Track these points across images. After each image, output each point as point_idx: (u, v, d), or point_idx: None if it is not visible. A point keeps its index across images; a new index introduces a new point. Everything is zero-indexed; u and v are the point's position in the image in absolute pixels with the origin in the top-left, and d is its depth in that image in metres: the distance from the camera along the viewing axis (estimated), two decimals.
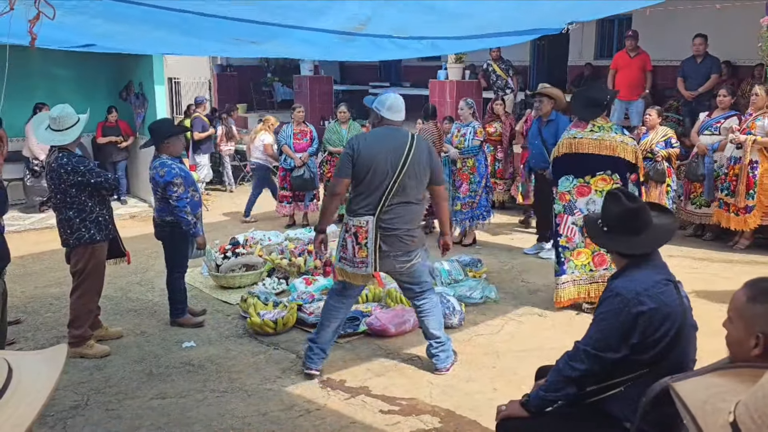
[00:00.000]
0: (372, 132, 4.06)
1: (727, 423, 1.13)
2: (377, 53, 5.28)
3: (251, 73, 16.96)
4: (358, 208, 3.92)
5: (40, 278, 6.50)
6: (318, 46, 4.93)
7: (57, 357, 1.47)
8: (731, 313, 1.70)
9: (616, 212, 2.50)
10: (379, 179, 3.84)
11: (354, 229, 3.93)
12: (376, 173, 3.83)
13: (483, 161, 7.16)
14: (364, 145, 3.88)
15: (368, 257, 3.92)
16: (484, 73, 10.99)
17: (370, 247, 3.91)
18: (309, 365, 4.20)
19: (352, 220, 3.93)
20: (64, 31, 3.96)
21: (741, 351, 1.65)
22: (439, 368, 4.22)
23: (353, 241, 3.94)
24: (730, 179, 6.81)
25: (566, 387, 2.46)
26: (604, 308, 2.43)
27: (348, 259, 3.99)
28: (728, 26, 9.32)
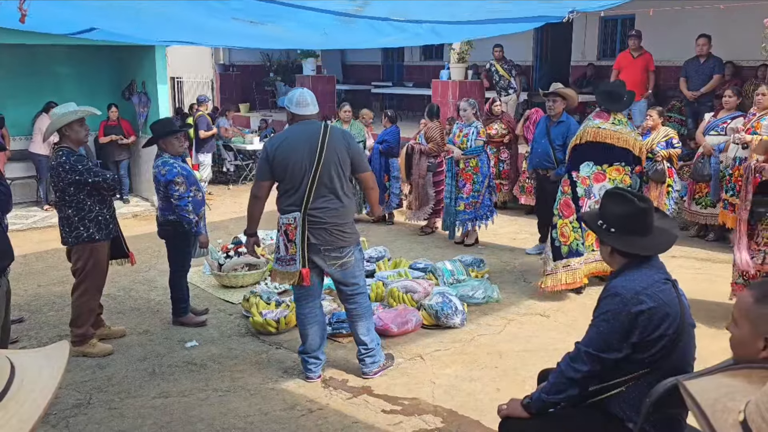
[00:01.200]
0: (286, 130, 4.03)
1: (737, 422, 1.13)
2: (376, 38, 5.24)
3: (253, 73, 16.99)
4: (285, 206, 3.92)
5: (42, 277, 6.51)
6: (317, 29, 4.88)
7: (60, 354, 1.47)
8: (736, 315, 1.68)
9: (627, 211, 2.47)
10: (299, 175, 3.82)
11: (284, 227, 3.92)
12: (294, 170, 3.82)
13: (486, 161, 7.15)
14: (277, 145, 3.86)
15: (297, 253, 3.90)
16: (486, 73, 10.99)
17: (298, 242, 3.88)
18: (309, 375, 4.18)
19: (282, 219, 3.93)
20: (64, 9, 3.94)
21: (746, 353, 1.63)
22: (365, 372, 4.19)
23: (284, 239, 3.92)
24: (735, 180, 6.79)
25: (568, 389, 2.45)
26: (604, 308, 2.42)
27: (281, 258, 3.97)
28: (732, 27, 9.30)
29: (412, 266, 6.07)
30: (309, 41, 5.90)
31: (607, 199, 2.59)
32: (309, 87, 13.88)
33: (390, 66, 17.81)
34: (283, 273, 3.98)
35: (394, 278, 5.67)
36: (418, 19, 4.46)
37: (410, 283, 5.42)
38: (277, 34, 5.26)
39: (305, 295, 4.10)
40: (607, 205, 2.56)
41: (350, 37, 5.42)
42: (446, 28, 4.85)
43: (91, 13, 4.58)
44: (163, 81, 9.61)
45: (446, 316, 4.95)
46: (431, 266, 5.94)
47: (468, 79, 11.08)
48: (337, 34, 5.10)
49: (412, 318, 4.93)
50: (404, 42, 5.49)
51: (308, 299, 4.11)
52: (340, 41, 5.95)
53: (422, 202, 7.84)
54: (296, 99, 3.94)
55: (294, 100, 3.95)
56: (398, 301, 5.22)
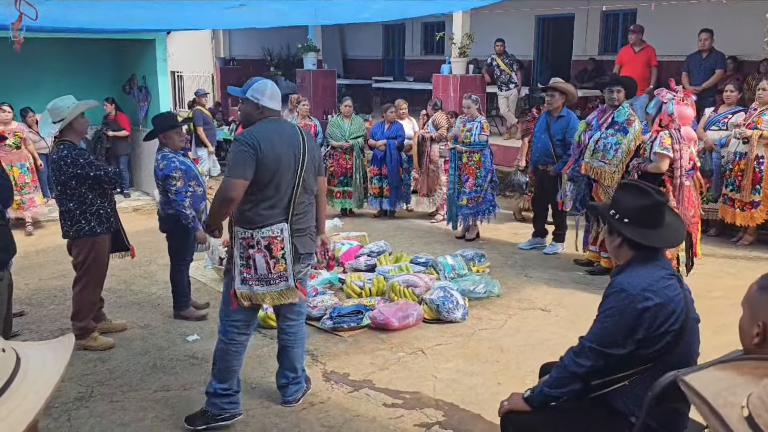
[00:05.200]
0: (263, 127, 3.40)
1: (742, 417, 1.12)
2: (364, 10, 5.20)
3: (254, 67, 16.95)
4: (266, 217, 3.38)
5: (44, 270, 6.52)
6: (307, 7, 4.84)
7: (64, 347, 1.48)
8: (743, 302, 1.71)
9: (642, 204, 2.47)
10: (287, 180, 3.38)
11: (265, 242, 3.39)
12: (283, 175, 3.36)
13: (489, 156, 7.16)
14: (266, 144, 3.30)
15: (287, 269, 3.45)
16: (488, 68, 10.96)
17: (288, 257, 3.44)
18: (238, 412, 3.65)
19: (258, 233, 3.38)
20: None
21: (745, 339, 1.67)
22: (290, 401, 3.81)
23: (265, 256, 3.41)
24: (735, 175, 6.79)
25: (571, 383, 2.45)
26: (609, 304, 2.42)
27: (259, 278, 3.44)
28: (734, 21, 9.29)
29: (413, 261, 6.07)
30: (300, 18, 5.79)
31: (623, 191, 2.58)
32: (310, 81, 13.96)
33: (391, 60, 17.79)
34: (275, 293, 3.48)
35: (395, 272, 5.67)
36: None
37: (411, 277, 5.42)
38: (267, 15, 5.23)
39: (249, 321, 3.63)
40: (622, 196, 2.54)
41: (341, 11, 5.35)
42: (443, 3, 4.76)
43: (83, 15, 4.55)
44: (164, 75, 9.60)
45: (447, 311, 4.95)
46: (432, 261, 5.94)
47: (469, 74, 11.06)
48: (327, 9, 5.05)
49: (414, 312, 4.93)
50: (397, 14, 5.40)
51: (249, 326, 3.65)
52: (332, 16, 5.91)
53: (433, 188, 7.97)
54: (269, 91, 3.45)
55: (267, 92, 3.44)
56: (399, 296, 5.22)
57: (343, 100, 8.62)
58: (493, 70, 10.79)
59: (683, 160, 5.17)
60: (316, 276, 5.74)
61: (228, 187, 3.28)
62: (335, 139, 8.31)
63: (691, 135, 5.42)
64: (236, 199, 3.31)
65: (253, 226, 3.39)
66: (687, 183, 5.20)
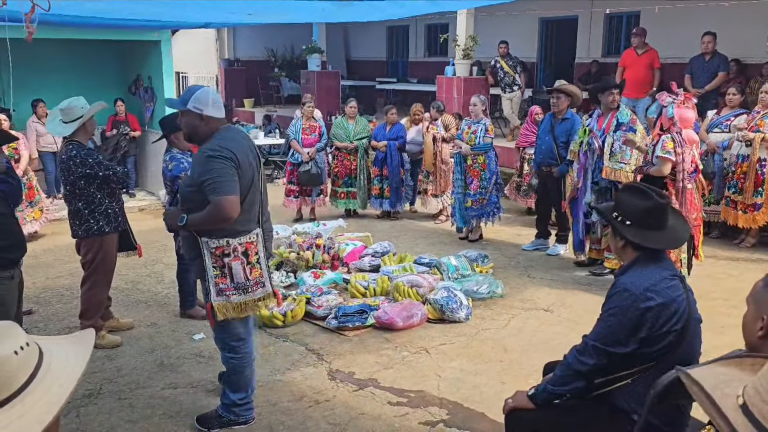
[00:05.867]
0: (227, 136, 3.29)
1: (737, 406, 1.17)
2: (373, 14, 5.26)
3: (258, 68, 17.03)
4: (243, 226, 3.33)
5: (50, 269, 6.57)
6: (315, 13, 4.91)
7: (86, 341, 1.53)
8: (748, 299, 1.76)
9: (645, 206, 2.51)
10: (256, 185, 3.36)
11: (242, 248, 3.34)
12: (254, 180, 3.34)
13: (493, 158, 7.20)
14: (240, 153, 3.23)
15: (263, 274, 3.43)
16: (491, 70, 11.00)
17: (263, 261, 3.43)
18: (252, 416, 3.68)
19: (236, 240, 3.32)
20: None
21: (749, 333, 1.71)
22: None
23: (242, 263, 3.35)
24: (737, 177, 6.83)
25: (575, 381, 2.50)
26: (613, 304, 2.46)
27: (237, 287, 3.37)
28: (737, 24, 9.32)
29: (417, 261, 6.11)
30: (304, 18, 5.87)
31: (625, 193, 2.62)
32: (314, 82, 14.02)
33: (394, 62, 17.84)
34: (253, 302, 3.41)
35: (399, 273, 5.72)
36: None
37: (415, 277, 5.47)
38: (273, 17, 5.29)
39: (248, 327, 3.57)
40: (625, 198, 2.58)
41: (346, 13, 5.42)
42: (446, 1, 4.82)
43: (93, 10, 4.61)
44: (170, 76, 9.66)
45: (451, 311, 5.00)
46: (436, 261, 5.99)
47: (473, 76, 11.10)
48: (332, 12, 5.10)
49: (418, 312, 4.97)
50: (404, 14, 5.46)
51: (250, 332, 3.61)
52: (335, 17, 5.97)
53: (445, 188, 8.04)
54: (212, 99, 3.28)
55: (210, 100, 3.26)
56: (404, 296, 5.27)
57: (348, 101, 8.66)
58: (497, 72, 10.83)
59: (685, 164, 5.20)
60: (321, 276, 5.80)
61: (226, 206, 3.15)
62: (340, 140, 8.36)
63: (693, 137, 5.46)
64: (234, 216, 3.19)
65: (230, 235, 3.30)
66: (689, 186, 5.24)
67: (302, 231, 6.83)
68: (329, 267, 6.15)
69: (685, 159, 5.22)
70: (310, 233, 6.69)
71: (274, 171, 11.81)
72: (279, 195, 9.05)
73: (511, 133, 10.99)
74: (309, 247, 6.28)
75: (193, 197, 3.26)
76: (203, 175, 3.17)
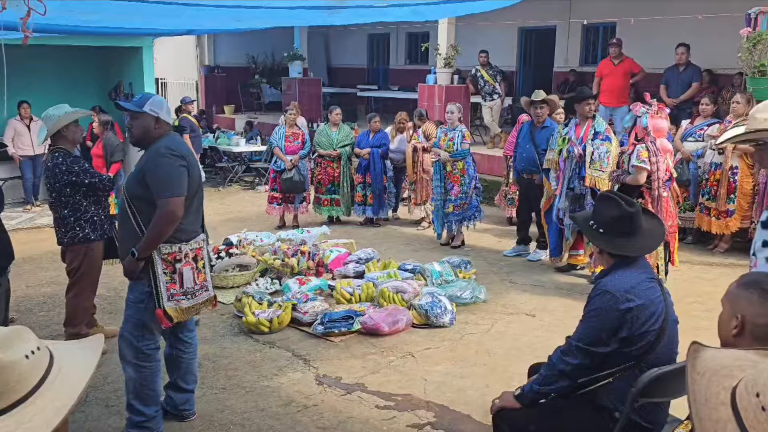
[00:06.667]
0: (174, 139, 3.44)
1: (730, 386, 1.25)
2: (356, 18, 5.35)
3: (239, 75, 17.02)
4: (192, 229, 3.41)
5: (31, 277, 6.52)
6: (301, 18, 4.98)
7: (94, 345, 1.58)
8: (723, 300, 1.85)
9: (614, 215, 2.62)
10: (201, 189, 3.48)
11: (192, 254, 3.40)
12: (199, 185, 3.45)
13: (471, 163, 7.33)
14: (189, 155, 3.37)
15: (207, 278, 3.52)
16: (472, 79, 11.16)
17: (206, 265, 3.52)
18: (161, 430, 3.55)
19: (186, 246, 3.36)
20: None
21: (724, 332, 1.80)
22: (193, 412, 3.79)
23: (193, 268, 3.40)
24: (711, 184, 7.03)
25: (559, 380, 2.60)
26: (594, 305, 2.57)
27: (186, 292, 3.40)
28: (710, 36, 9.58)
29: (401, 267, 6.19)
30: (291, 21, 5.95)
31: (599, 202, 2.73)
32: (295, 89, 14.07)
33: (375, 69, 17.95)
34: (192, 307, 3.46)
35: (383, 279, 5.79)
36: (401, 2, 4.53)
37: (400, 283, 5.54)
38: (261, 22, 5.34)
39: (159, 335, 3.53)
40: (598, 208, 2.71)
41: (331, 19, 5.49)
42: (428, 8, 4.93)
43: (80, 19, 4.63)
44: (150, 82, 9.68)
45: (436, 316, 5.08)
46: (420, 267, 6.07)
47: (454, 84, 11.25)
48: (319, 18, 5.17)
49: (403, 317, 5.05)
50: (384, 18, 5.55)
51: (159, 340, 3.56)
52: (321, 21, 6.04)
53: (427, 197, 8.10)
54: (166, 106, 3.43)
55: (165, 106, 3.41)
56: (389, 301, 5.34)
57: (332, 108, 8.72)
58: (477, 80, 10.98)
59: (660, 172, 5.36)
60: (306, 282, 5.84)
61: (172, 207, 3.20)
62: (323, 148, 8.42)
63: (667, 147, 5.63)
64: (180, 217, 3.26)
65: (180, 239, 3.34)
66: (665, 194, 5.40)
67: (287, 238, 6.87)
68: (314, 274, 6.20)
69: (660, 168, 5.38)
70: (294, 240, 6.73)
71: (256, 178, 11.83)
72: (262, 202, 9.08)
73: (491, 140, 11.14)
74: (294, 254, 6.32)
75: (138, 192, 3.31)
76: (154, 171, 3.25)
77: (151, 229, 3.23)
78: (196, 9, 4.15)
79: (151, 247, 3.26)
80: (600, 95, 9.36)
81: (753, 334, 1.74)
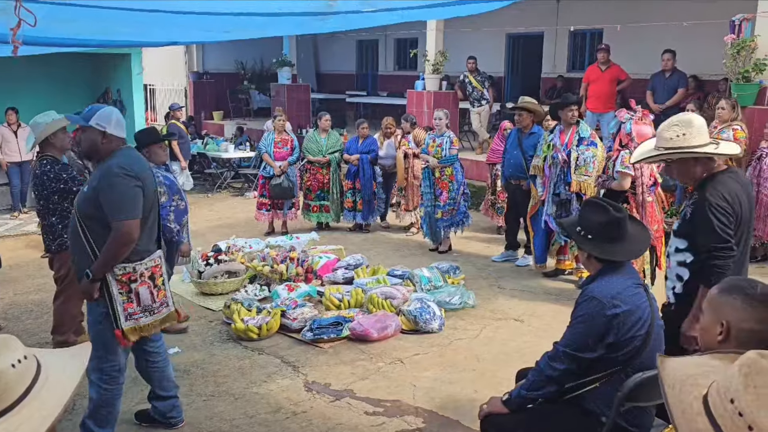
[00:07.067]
0: (130, 156, 3.32)
1: (700, 395, 1.28)
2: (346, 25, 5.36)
3: (227, 81, 17.00)
4: (147, 248, 3.34)
5: (18, 285, 6.47)
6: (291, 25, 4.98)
7: (81, 354, 1.58)
8: (704, 305, 1.87)
9: (602, 220, 2.65)
10: (155, 207, 3.40)
11: (148, 273, 3.34)
12: (155, 202, 3.38)
13: (459, 169, 7.36)
14: (143, 173, 3.27)
15: (167, 294, 3.47)
16: (460, 85, 11.22)
17: (167, 282, 3.48)
18: None
19: (141, 265, 3.30)
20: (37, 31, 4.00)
21: (708, 338, 1.82)
22: (180, 420, 3.79)
23: (149, 287, 3.35)
24: None
25: (547, 386, 2.62)
26: (581, 311, 2.59)
27: (145, 309, 3.35)
28: (695, 42, 9.70)
29: (390, 273, 6.21)
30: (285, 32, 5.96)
31: (586, 208, 2.76)
32: (284, 96, 14.07)
33: (364, 75, 18.00)
34: (152, 323, 3.41)
35: (372, 285, 5.80)
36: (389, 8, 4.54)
37: (389, 289, 5.55)
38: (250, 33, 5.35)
39: (125, 357, 3.46)
40: (585, 214, 2.73)
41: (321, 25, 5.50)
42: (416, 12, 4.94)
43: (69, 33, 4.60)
44: (139, 89, 9.66)
45: (425, 322, 5.09)
46: (409, 273, 6.09)
47: (442, 90, 11.31)
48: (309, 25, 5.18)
49: (392, 323, 5.06)
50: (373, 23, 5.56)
51: (125, 362, 3.48)
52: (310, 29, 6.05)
53: (417, 203, 8.12)
54: (115, 118, 3.29)
55: (113, 119, 3.27)
56: (378, 307, 5.35)
57: (322, 114, 8.72)
58: (466, 86, 11.04)
59: (644, 178, 5.42)
60: (295, 289, 5.84)
61: (127, 230, 3.14)
62: (312, 154, 8.42)
63: None
64: (136, 240, 3.19)
65: (135, 259, 3.28)
66: (649, 199, 5.45)
67: (275, 244, 6.87)
68: (303, 280, 6.20)
69: (644, 173, 5.44)
70: (283, 246, 6.73)
71: (245, 184, 11.80)
72: (251, 208, 9.06)
73: (480, 146, 11.20)
74: (283, 261, 6.32)
75: (90, 211, 3.22)
76: (108, 192, 3.15)
77: (106, 251, 3.17)
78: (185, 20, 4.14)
79: (106, 269, 3.21)
80: (587, 101, 9.44)
81: (738, 339, 1.76)
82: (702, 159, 2.97)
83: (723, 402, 1.21)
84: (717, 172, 2.98)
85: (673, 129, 2.96)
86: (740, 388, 1.20)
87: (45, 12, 3.13)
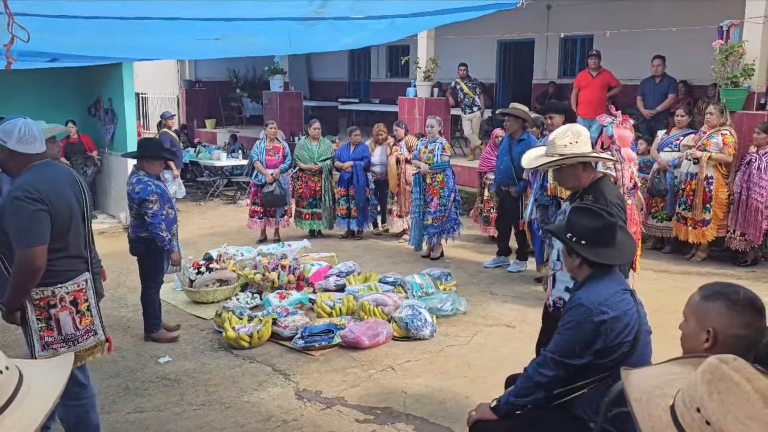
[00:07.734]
0: (40, 174, 3.02)
1: (668, 407, 1.28)
2: (339, 39, 5.35)
3: (220, 89, 16.99)
4: (67, 270, 3.10)
5: None
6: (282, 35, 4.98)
7: (63, 365, 1.57)
8: (686, 312, 1.86)
9: (597, 226, 2.65)
10: (79, 225, 3.14)
11: (70, 297, 3.11)
12: (75, 220, 3.10)
13: (451, 176, 7.38)
14: (54, 195, 2.98)
15: (94, 321, 3.24)
16: (451, 91, 11.25)
17: (93, 307, 3.23)
18: None
19: (62, 289, 3.08)
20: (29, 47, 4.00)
21: (693, 345, 1.81)
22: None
23: (71, 313, 3.11)
24: (687, 194, 7.14)
25: (535, 392, 2.62)
26: (569, 318, 2.60)
27: (66, 339, 3.13)
28: (685, 48, 9.77)
29: (382, 280, 6.20)
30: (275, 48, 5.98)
31: (576, 214, 2.76)
32: (276, 103, 14.07)
33: (356, 82, 18.03)
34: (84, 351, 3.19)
35: (364, 292, 5.79)
36: (378, 15, 4.56)
37: (380, 296, 5.55)
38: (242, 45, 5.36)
39: (86, 372, 3.34)
40: (576, 219, 2.73)
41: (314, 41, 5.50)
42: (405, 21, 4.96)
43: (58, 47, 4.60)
44: (131, 98, 9.62)
45: (416, 328, 5.09)
46: (400, 280, 6.09)
47: (434, 97, 11.34)
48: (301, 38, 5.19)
49: (383, 330, 5.05)
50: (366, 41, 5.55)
51: (88, 376, 3.37)
52: (305, 46, 6.04)
53: (409, 208, 8.09)
54: (19, 133, 2.96)
55: (15, 135, 2.96)
56: (369, 314, 5.34)
57: (312, 122, 8.74)
58: (457, 93, 11.07)
59: (624, 179, 5.47)
60: (287, 296, 5.83)
61: (31, 258, 2.90)
62: (304, 162, 8.43)
63: (631, 155, 5.75)
64: (43, 268, 2.95)
65: (53, 282, 3.05)
66: (629, 201, 5.49)
67: (267, 252, 6.86)
68: (295, 287, 6.19)
69: (624, 175, 5.48)
70: (275, 254, 6.72)
71: (237, 192, 11.79)
72: (243, 216, 9.05)
73: (472, 153, 11.22)
74: (274, 268, 6.31)
75: (1, 237, 3.02)
76: (10, 218, 2.94)
77: (12, 282, 2.97)
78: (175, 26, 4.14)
79: (17, 299, 3.00)
80: (578, 107, 9.49)
81: (726, 345, 1.75)
82: (589, 165, 3.34)
83: (690, 411, 1.22)
84: (599, 178, 3.35)
85: (566, 137, 3.29)
86: (704, 395, 1.20)
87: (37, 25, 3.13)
